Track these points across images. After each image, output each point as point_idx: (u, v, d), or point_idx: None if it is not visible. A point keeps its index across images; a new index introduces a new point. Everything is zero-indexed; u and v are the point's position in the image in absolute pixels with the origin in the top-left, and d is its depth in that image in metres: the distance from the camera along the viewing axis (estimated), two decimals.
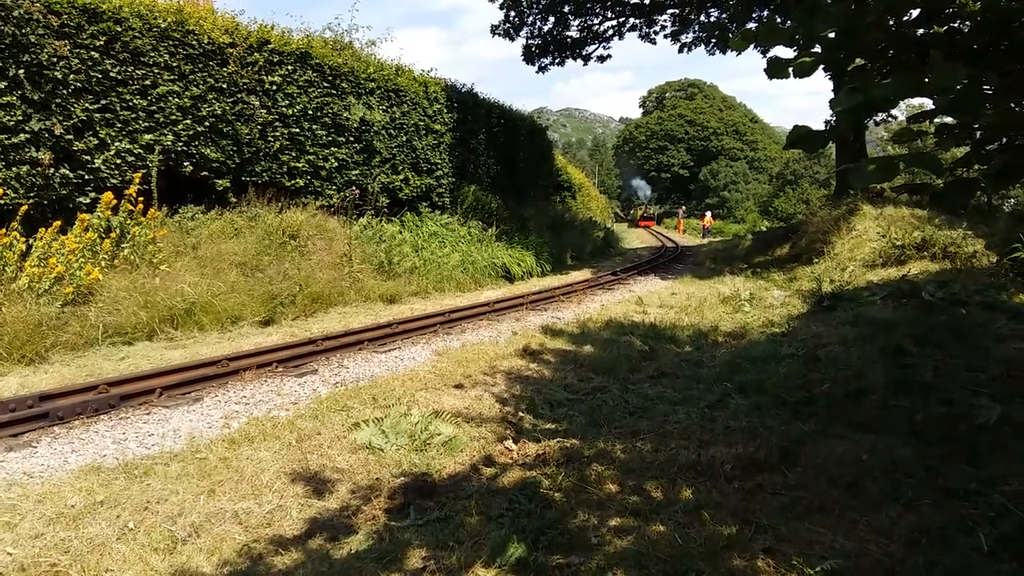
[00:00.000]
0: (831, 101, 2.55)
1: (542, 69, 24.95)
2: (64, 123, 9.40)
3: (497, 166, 19.84)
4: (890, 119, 19.60)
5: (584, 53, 24.83)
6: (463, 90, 18.48)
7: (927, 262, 11.70)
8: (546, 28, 23.95)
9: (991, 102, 2.60)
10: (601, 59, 25.31)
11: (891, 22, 2.67)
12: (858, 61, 2.74)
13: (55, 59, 9.32)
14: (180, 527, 3.55)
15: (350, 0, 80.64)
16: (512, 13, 23.64)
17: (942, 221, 13.62)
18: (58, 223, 8.77)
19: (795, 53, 2.58)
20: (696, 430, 4.98)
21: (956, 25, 3.14)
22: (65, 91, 9.46)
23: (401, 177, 15.43)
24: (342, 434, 4.90)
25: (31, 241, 8.55)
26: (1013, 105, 2.70)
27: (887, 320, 7.50)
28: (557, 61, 24.88)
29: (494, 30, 24.24)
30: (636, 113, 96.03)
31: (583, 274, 18.46)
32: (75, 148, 9.57)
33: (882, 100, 2.42)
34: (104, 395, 5.79)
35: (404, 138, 15.52)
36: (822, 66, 2.60)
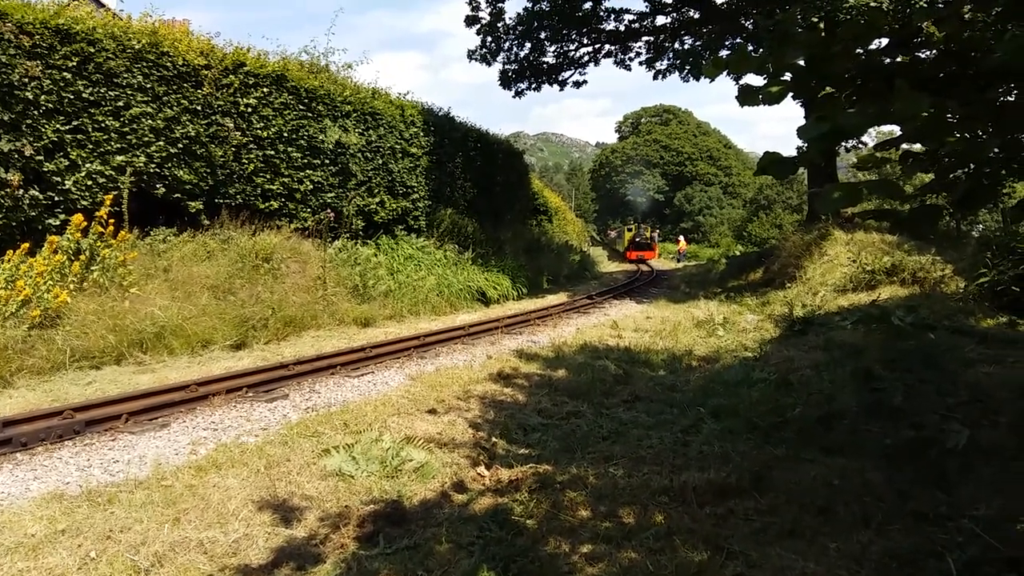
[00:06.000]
0: (799, 129, 2.57)
1: (519, 94, 25.10)
2: (34, 144, 9.31)
3: (474, 189, 19.89)
4: (860, 146, 19.94)
5: (560, 78, 25.03)
6: (440, 113, 18.57)
7: (897, 287, 11.86)
8: (522, 54, 24.13)
9: (955, 130, 2.64)
10: (577, 84, 25.52)
11: (859, 51, 2.71)
12: (828, 89, 2.77)
13: (27, 79, 9.24)
14: (143, 556, 3.46)
15: (327, 23, 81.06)
16: (489, 39, 23.80)
17: (912, 247, 13.84)
18: (26, 245, 8.65)
19: (765, 81, 2.61)
20: (669, 455, 4.97)
21: (922, 55, 3.20)
22: (36, 112, 9.37)
23: (377, 200, 15.41)
24: (312, 460, 4.83)
25: None
26: (977, 133, 2.75)
27: (857, 345, 7.58)
28: (533, 86, 25.05)
29: (471, 55, 24.39)
30: (612, 138, 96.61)
31: (559, 297, 18.50)
32: (45, 169, 9.46)
33: (849, 128, 2.45)
34: (69, 420, 5.68)
35: (380, 161, 15.52)
36: (791, 94, 2.63)
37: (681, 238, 56.97)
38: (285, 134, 13.01)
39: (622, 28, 23.84)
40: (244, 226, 12.05)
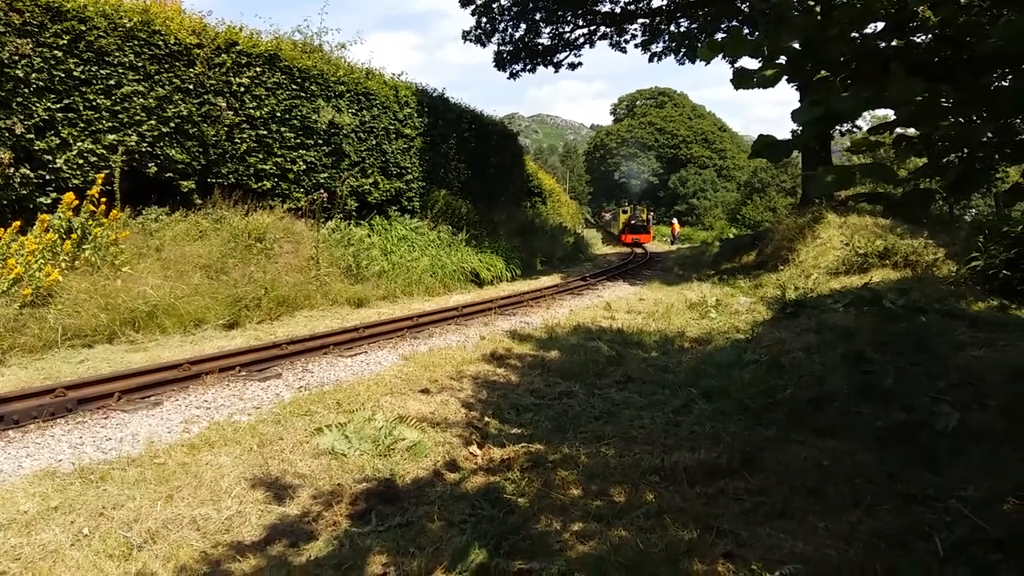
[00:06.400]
0: (793, 112, 2.58)
1: (513, 75, 25.00)
2: (25, 122, 9.23)
3: (468, 171, 19.85)
4: (855, 129, 19.92)
5: (555, 60, 24.92)
6: (434, 94, 18.47)
7: (889, 270, 11.91)
8: (517, 35, 24.01)
9: (949, 115, 2.65)
10: (572, 67, 25.43)
11: (854, 34, 2.71)
12: (822, 73, 2.77)
13: (17, 57, 9.15)
14: (136, 533, 3.48)
15: (320, 2, 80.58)
16: (484, 19, 23.67)
17: (904, 230, 13.88)
18: (17, 223, 8.59)
19: (760, 64, 2.61)
20: (660, 435, 5.01)
21: (917, 39, 3.20)
22: (27, 90, 9.29)
23: (370, 181, 15.36)
24: (305, 439, 4.85)
25: None
26: (971, 118, 2.76)
27: (849, 327, 7.62)
28: (528, 68, 24.94)
29: (466, 36, 24.26)
30: (607, 120, 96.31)
31: (553, 279, 18.52)
32: (36, 147, 9.39)
33: (844, 112, 2.45)
34: (61, 399, 5.67)
35: (374, 141, 15.45)
36: (786, 77, 2.63)
37: (675, 220, 57.08)
38: (278, 114, 12.93)
39: (618, 10, 23.72)
40: (237, 206, 12.00)
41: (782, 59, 2.58)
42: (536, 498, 3.93)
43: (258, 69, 12.56)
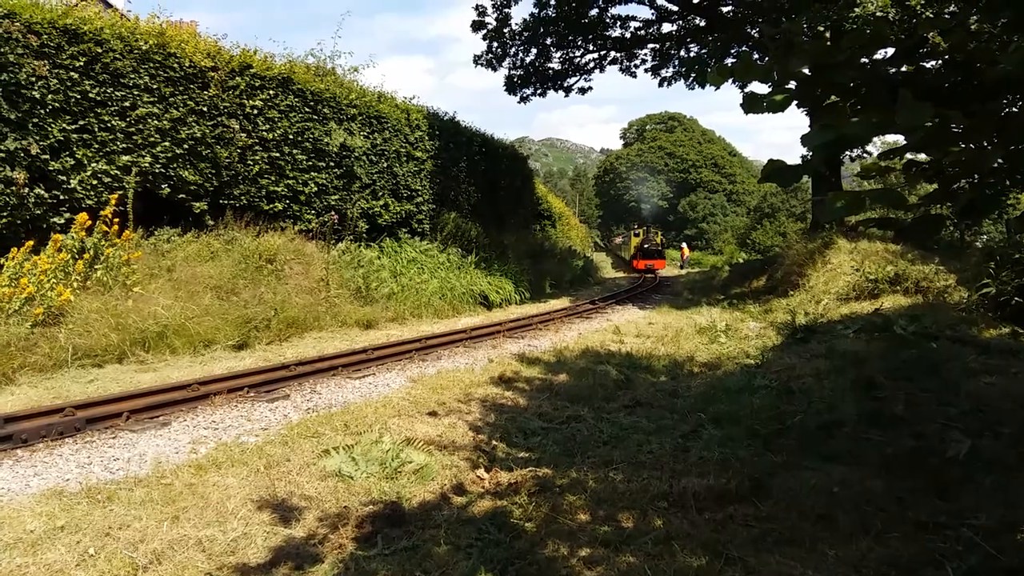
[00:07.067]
0: (803, 137, 2.58)
1: (524, 99, 25.15)
2: (40, 143, 9.36)
3: (478, 193, 19.93)
4: (865, 155, 19.93)
5: (565, 84, 25.08)
6: (445, 118, 18.64)
7: (900, 296, 11.85)
8: (528, 59, 24.19)
9: (959, 141, 2.64)
10: (582, 91, 25.58)
11: (864, 60, 2.71)
12: (832, 98, 2.78)
13: (34, 79, 9.28)
14: (142, 554, 3.47)
15: (334, 26, 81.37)
16: (495, 44, 23.88)
17: (915, 256, 13.82)
18: (31, 243, 8.68)
19: (770, 89, 2.61)
20: (669, 460, 4.96)
21: (927, 65, 3.21)
22: (43, 111, 9.42)
23: (381, 203, 15.44)
24: (312, 461, 4.84)
25: (2, 261, 8.44)
26: (981, 144, 2.76)
27: (859, 353, 7.57)
28: (539, 92, 25.10)
29: (477, 60, 24.46)
30: (617, 144, 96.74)
31: (562, 302, 18.51)
32: (51, 168, 9.51)
33: (853, 137, 2.45)
34: (70, 418, 5.69)
35: (385, 164, 15.56)
36: (796, 102, 2.63)
37: (684, 245, 57.06)
38: (290, 136, 13.05)
39: (628, 35, 23.89)
40: (248, 227, 12.09)
41: (792, 84, 2.59)
42: (543, 523, 3.89)
43: (271, 92, 12.71)
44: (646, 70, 25.19)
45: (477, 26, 23.26)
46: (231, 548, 3.60)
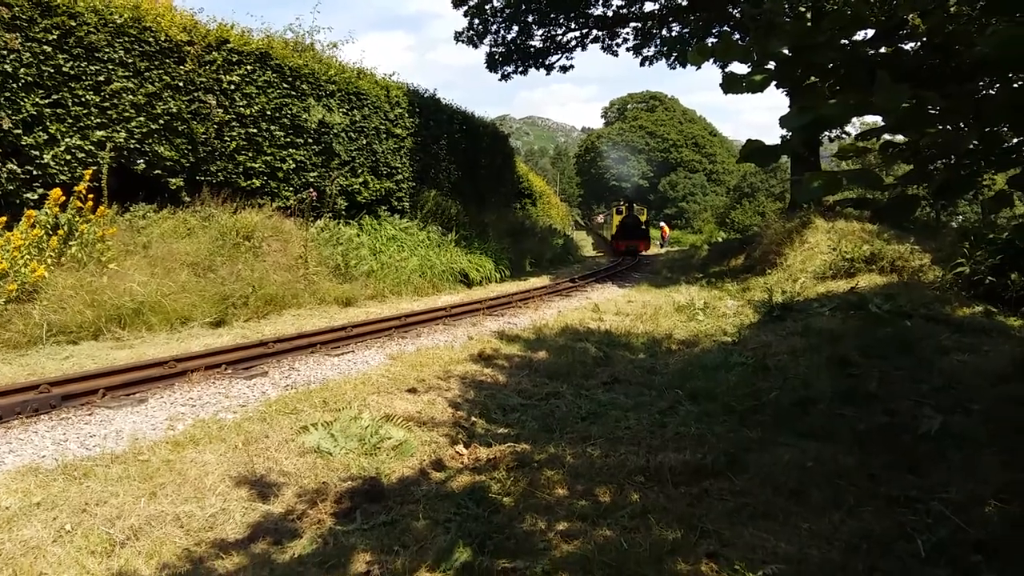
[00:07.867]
0: (782, 118, 2.58)
1: (505, 77, 25.02)
2: (13, 117, 9.18)
3: (458, 172, 19.85)
4: (844, 135, 20.04)
5: (547, 63, 24.96)
6: (426, 95, 18.48)
7: (875, 275, 11.99)
8: (510, 37, 24.04)
9: (935, 122, 2.67)
10: (564, 69, 25.49)
11: (843, 41, 2.72)
12: (811, 79, 2.79)
13: (5, 52, 9.09)
14: (119, 530, 3.46)
15: (312, 1, 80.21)
16: (476, 21, 23.69)
17: (891, 236, 13.97)
18: (3, 219, 8.53)
19: (750, 69, 2.62)
20: (646, 436, 5.02)
21: (905, 47, 3.22)
22: (15, 85, 9.23)
23: (360, 180, 15.33)
24: (290, 437, 4.83)
25: None
26: (958, 125, 2.78)
27: (835, 331, 7.67)
28: (520, 70, 24.97)
29: (458, 37, 24.28)
30: (599, 123, 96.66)
31: (542, 280, 18.54)
32: (24, 143, 9.34)
33: (832, 118, 2.46)
34: (45, 395, 5.64)
35: (364, 141, 15.43)
36: (775, 82, 2.64)
37: (663, 224, 57.29)
38: (268, 112, 12.89)
39: (610, 13, 23.80)
40: (225, 204, 11.96)
41: (771, 64, 2.59)
42: (521, 497, 3.93)
43: (249, 67, 12.53)
44: (628, 49, 25.17)
45: (458, 2, 23.06)
46: (209, 524, 3.60)
